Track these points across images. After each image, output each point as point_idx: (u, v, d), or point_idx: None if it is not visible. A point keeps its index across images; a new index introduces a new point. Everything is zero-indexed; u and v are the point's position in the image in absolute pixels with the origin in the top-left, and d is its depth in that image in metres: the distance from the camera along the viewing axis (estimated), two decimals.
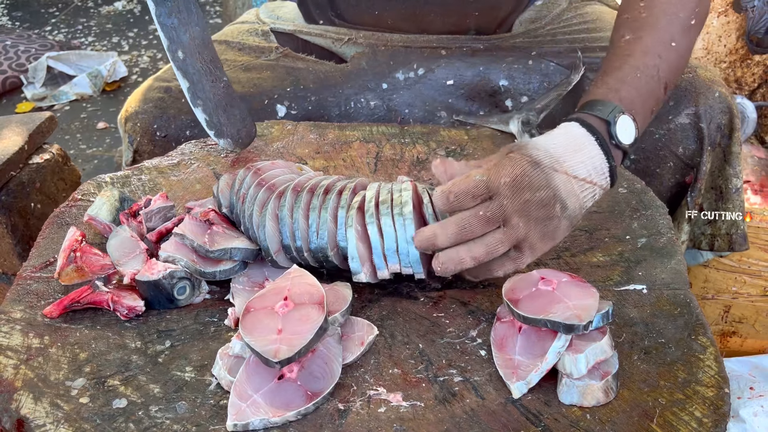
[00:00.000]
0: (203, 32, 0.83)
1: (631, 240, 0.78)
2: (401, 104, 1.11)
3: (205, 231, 0.74)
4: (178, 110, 1.07)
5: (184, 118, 1.06)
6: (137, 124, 1.07)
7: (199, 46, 0.82)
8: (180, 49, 0.81)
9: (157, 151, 1.06)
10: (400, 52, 1.13)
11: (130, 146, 1.08)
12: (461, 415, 0.58)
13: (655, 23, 0.80)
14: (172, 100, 1.08)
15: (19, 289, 0.72)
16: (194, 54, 0.82)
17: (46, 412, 0.58)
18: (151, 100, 1.08)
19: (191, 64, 0.82)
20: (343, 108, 1.11)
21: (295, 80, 1.12)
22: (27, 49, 3.10)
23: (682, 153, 0.99)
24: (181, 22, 0.80)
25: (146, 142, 1.07)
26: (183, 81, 0.84)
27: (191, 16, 0.80)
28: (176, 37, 0.80)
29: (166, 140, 1.06)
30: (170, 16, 0.79)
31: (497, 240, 0.66)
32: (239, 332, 0.60)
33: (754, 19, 1.98)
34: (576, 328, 0.58)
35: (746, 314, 1.34)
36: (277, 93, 1.11)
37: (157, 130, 1.06)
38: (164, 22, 0.79)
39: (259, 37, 1.22)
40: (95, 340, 0.66)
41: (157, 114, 1.07)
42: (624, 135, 0.73)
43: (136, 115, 1.08)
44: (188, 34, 0.80)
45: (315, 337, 0.59)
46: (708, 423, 0.56)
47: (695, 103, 0.98)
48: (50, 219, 0.83)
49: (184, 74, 0.83)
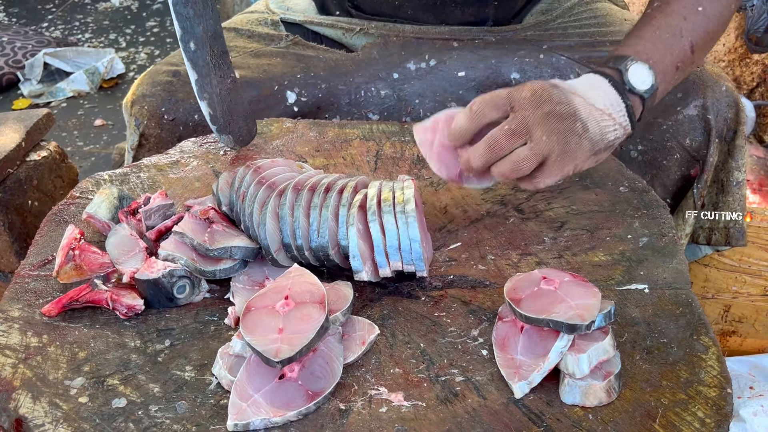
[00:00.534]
0: (216, 26, 0.83)
1: (632, 239, 0.78)
2: (412, 94, 1.11)
3: (205, 229, 0.73)
4: (186, 93, 1.06)
5: (193, 102, 1.05)
6: (144, 107, 1.06)
7: (211, 39, 0.82)
8: (193, 40, 0.81)
9: (163, 135, 1.05)
10: (411, 43, 1.13)
11: (136, 129, 1.07)
12: (463, 415, 0.58)
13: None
14: (180, 84, 1.07)
15: (18, 288, 0.72)
16: (206, 47, 0.82)
17: (45, 411, 0.58)
18: (159, 84, 1.07)
19: (201, 56, 0.82)
20: (354, 96, 1.11)
21: (306, 67, 1.12)
22: (24, 46, 3.09)
23: (689, 145, 1.00)
24: (196, 14, 0.80)
25: (153, 125, 1.06)
26: (192, 72, 0.84)
27: (206, 8, 0.81)
28: (190, 27, 0.80)
29: (174, 123, 1.06)
30: (186, 6, 0.79)
31: (523, 157, 0.70)
32: (240, 331, 0.60)
33: (753, 18, 1.98)
34: (578, 328, 0.58)
35: (746, 314, 1.34)
36: (288, 79, 1.10)
37: (164, 114, 1.06)
38: (180, 11, 0.79)
39: (268, 27, 1.21)
40: (94, 339, 0.66)
41: (165, 97, 1.06)
42: (638, 81, 0.76)
43: (143, 98, 1.07)
44: (202, 26, 0.80)
45: (316, 337, 0.58)
46: (711, 423, 0.56)
47: (703, 95, 0.99)
48: (48, 217, 0.83)
49: (194, 66, 0.83)
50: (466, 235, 0.80)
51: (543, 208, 0.84)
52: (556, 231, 0.80)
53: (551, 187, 0.87)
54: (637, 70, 0.77)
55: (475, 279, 0.73)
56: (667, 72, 0.80)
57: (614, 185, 0.87)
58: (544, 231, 0.80)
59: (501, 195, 0.87)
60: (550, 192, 0.87)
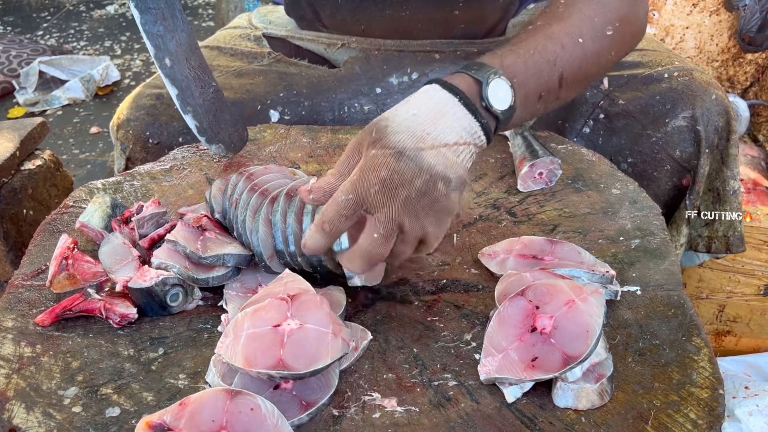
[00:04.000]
0: (189, 38, 0.83)
1: (624, 241, 0.78)
2: None
3: (198, 237, 0.73)
4: (170, 117, 1.06)
5: (177, 125, 1.06)
6: (129, 131, 1.06)
7: (186, 52, 0.82)
8: (167, 56, 0.81)
9: (149, 158, 1.05)
10: (393, 56, 1.13)
11: (122, 153, 1.08)
12: (456, 419, 0.58)
13: (567, 17, 0.78)
14: (164, 107, 1.07)
15: (11, 298, 0.72)
16: (182, 61, 0.82)
17: (39, 421, 0.58)
18: (142, 107, 1.07)
19: (179, 71, 0.82)
20: (337, 113, 1.11)
21: (288, 85, 1.12)
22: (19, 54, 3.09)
23: (679, 156, 0.99)
24: (167, 29, 0.79)
25: (138, 149, 1.06)
26: (172, 88, 0.84)
27: (176, 22, 0.80)
28: (162, 44, 0.80)
29: (159, 147, 1.06)
30: (155, 24, 0.78)
31: (401, 251, 0.65)
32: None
33: (745, 17, 1.98)
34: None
35: (741, 313, 1.34)
36: (270, 98, 1.10)
37: (149, 138, 1.06)
38: (150, 30, 0.79)
39: (251, 42, 1.21)
40: (88, 348, 0.66)
41: (149, 121, 1.06)
42: (496, 99, 0.68)
43: (127, 123, 1.07)
44: (174, 41, 0.80)
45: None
46: (703, 425, 0.56)
47: (692, 105, 0.98)
48: (42, 226, 0.83)
49: (173, 81, 0.83)
50: (459, 239, 0.80)
51: (535, 211, 0.84)
52: (549, 234, 0.80)
53: (543, 191, 0.87)
54: (498, 86, 0.68)
55: (468, 283, 0.73)
56: (529, 97, 0.72)
57: (606, 187, 0.87)
58: (537, 234, 0.80)
59: (494, 199, 0.87)
60: (542, 195, 0.87)
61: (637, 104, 1.01)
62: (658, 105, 1.00)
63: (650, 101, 1.01)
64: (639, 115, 1.01)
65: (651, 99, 1.01)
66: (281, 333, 0.58)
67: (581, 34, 0.77)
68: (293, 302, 0.61)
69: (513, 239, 0.76)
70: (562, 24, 0.77)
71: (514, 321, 0.61)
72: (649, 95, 1.01)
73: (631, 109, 1.02)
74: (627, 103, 1.02)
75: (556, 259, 0.72)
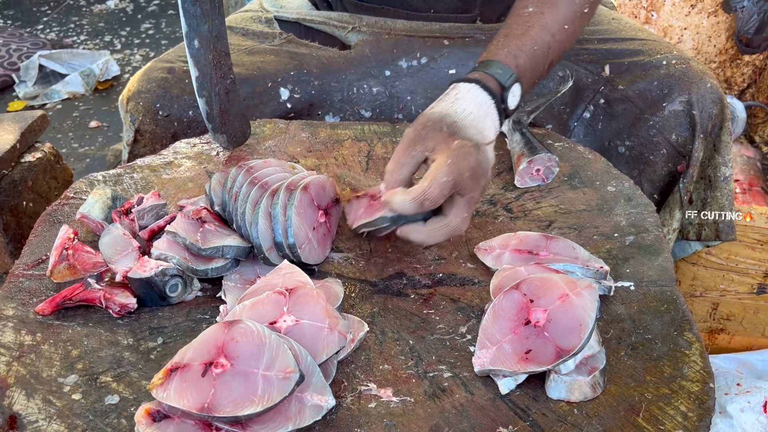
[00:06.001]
0: (221, 26, 0.84)
1: (618, 237, 0.79)
2: (404, 91, 1.13)
3: (197, 229, 0.74)
4: (181, 90, 1.08)
5: (187, 98, 1.07)
6: (139, 102, 1.08)
7: (215, 39, 0.83)
8: (197, 38, 0.82)
9: (158, 131, 1.07)
10: (403, 40, 1.14)
11: (131, 125, 1.09)
12: (450, 410, 0.59)
13: (556, 3, 0.86)
14: (175, 80, 1.08)
15: (12, 287, 0.73)
16: (209, 46, 0.83)
17: (39, 408, 0.59)
18: (154, 80, 1.09)
19: (204, 55, 0.83)
20: (346, 93, 1.13)
21: (299, 65, 1.13)
22: (19, 48, 3.09)
23: (675, 140, 1.01)
24: (203, 12, 0.81)
25: (148, 121, 1.08)
26: (194, 70, 0.85)
27: (214, 8, 0.82)
28: (196, 25, 0.81)
29: (168, 119, 1.07)
30: (195, 5, 0.80)
31: (466, 220, 0.72)
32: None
33: (743, 19, 1.99)
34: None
35: (734, 311, 1.35)
36: (281, 76, 1.12)
37: (159, 109, 1.07)
38: (188, 9, 0.80)
39: (262, 24, 1.23)
40: (87, 337, 0.67)
41: (160, 93, 1.07)
42: (512, 101, 0.80)
43: (138, 94, 1.08)
44: (207, 25, 0.81)
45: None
46: (693, 417, 0.57)
47: (688, 91, 1.00)
48: (42, 217, 0.83)
49: (196, 63, 0.84)
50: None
51: (531, 207, 0.85)
52: (544, 230, 0.81)
53: (539, 188, 0.88)
54: (515, 91, 0.80)
55: (463, 277, 0.74)
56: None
57: (602, 184, 0.88)
58: (533, 230, 0.81)
59: (490, 194, 0.88)
60: (539, 191, 0.88)
61: (636, 89, 1.04)
62: (656, 90, 1.03)
63: (648, 86, 1.04)
64: (637, 100, 1.04)
65: (649, 84, 1.04)
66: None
67: (566, 20, 0.85)
68: (291, 296, 0.62)
69: (509, 234, 0.77)
70: (552, 11, 0.85)
71: (508, 314, 0.62)
72: (647, 81, 1.04)
73: (630, 94, 1.05)
74: (626, 88, 1.05)
75: (551, 255, 0.73)
